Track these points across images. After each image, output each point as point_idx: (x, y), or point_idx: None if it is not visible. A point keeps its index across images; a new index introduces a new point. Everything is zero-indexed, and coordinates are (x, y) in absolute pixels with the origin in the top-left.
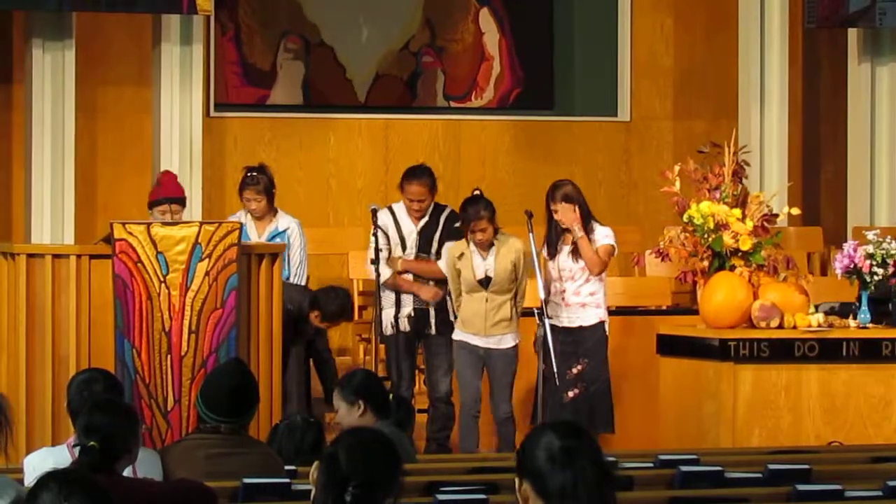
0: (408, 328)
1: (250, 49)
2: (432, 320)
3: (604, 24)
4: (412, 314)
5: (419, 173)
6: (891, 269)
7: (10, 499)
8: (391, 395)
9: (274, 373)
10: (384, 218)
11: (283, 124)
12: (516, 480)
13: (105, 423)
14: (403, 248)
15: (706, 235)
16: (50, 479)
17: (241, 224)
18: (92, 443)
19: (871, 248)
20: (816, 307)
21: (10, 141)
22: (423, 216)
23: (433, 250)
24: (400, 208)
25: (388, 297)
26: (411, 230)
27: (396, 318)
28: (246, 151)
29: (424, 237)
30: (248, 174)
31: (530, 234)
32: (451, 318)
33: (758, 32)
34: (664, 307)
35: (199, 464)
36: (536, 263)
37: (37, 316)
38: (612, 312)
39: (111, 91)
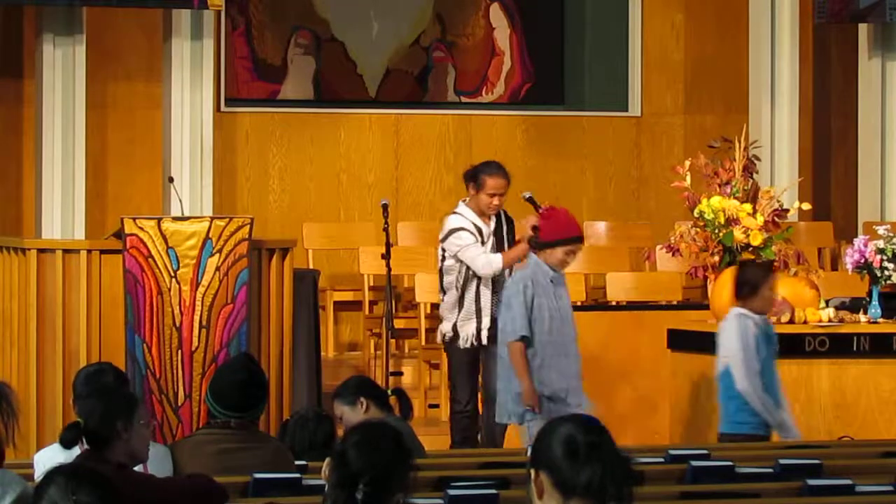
0: (486, 342)
1: (261, 44)
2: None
3: (614, 19)
4: (490, 325)
5: (498, 167)
6: None
7: (16, 494)
8: (389, 391)
9: (284, 368)
10: (464, 223)
11: (294, 119)
12: (531, 472)
13: (94, 403)
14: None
15: (717, 230)
16: (57, 474)
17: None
18: (78, 420)
19: (881, 243)
20: (827, 302)
21: (21, 136)
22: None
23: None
24: (467, 212)
25: (469, 307)
26: (487, 232)
27: (479, 329)
28: (256, 146)
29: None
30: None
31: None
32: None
33: (768, 27)
34: (675, 302)
35: (210, 459)
36: None
37: (47, 311)
38: (622, 307)
39: (122, 86)
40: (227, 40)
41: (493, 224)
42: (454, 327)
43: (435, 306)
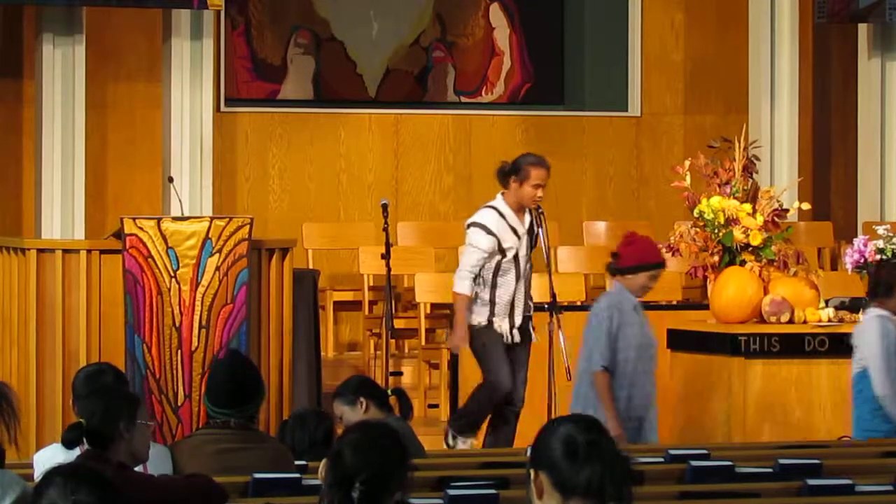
0: (519, 339)
1: (260, 44)
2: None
3: (614, 18)
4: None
5: (540, 157)
6: None
7: (16, 495)
8: (389, 391)
9: (284, 368)
10: (494, 224)
11: (294, 119)
12: (531, 472)
13: (96, 403)
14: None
15: (716, 230)
16: (56, 474)
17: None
18: (80, 420)
19: (881, 243)
20: (826, 302)
21: (21, 136)
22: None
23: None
24: (505, 208)
25: (503, 305)
26: (522, 232)
27: (511, 326)
28: (256, 146)
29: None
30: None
31: (540, 229)
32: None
33: (768, 27)
34: (674, 302)
35: (209, 459)
36: (547, 258)
37: (47, 311)
38: None
39: (121, 86)
40: (226, 40)
41: (527, 222)
42: (489, 320)
43: (435, 306)
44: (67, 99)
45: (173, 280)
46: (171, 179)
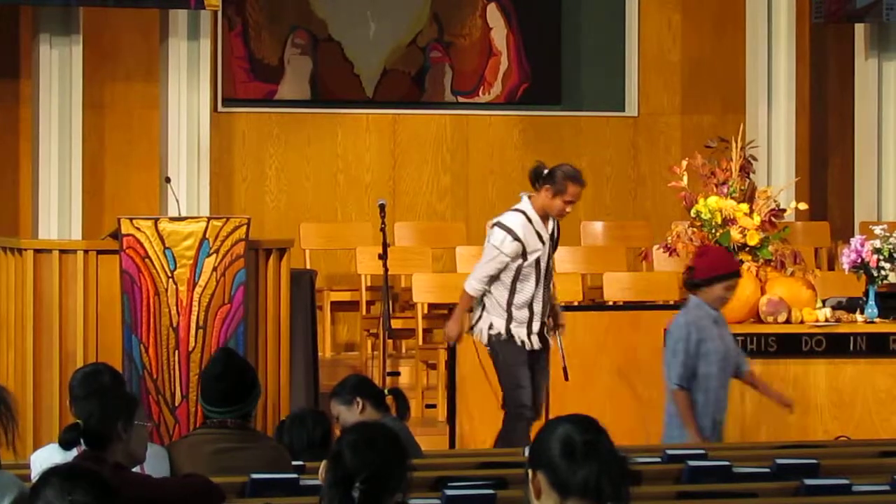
0: (539, 345)
1: (258, 44)
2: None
3: (611, 18)
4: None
5: (580, 174)
6: None
7: (13, 496)
8: (386, 391)
9: (282, 368)
10: (521, 228)
11: (291, 119)
12: (529, 472)
13: (94, 404)
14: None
15: (714, 230)
16: (52, 475)
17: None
18: (77, 421)
19: (878, 243)
20: (824, 302)
21: (18, 136)
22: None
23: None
24: (533, 214)
25: (522, 311)
26: (546, 237)
27: (529, 333)
28: (253, 147)
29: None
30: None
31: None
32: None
33: (765, 27)
34: (672, 302)
35: (207, 459)
36: None
37: (44, 311)
38: (619, 307)
39: (119, 86)
40: (224, 40)
41: (550, 227)
42: (508, 330)
43: (433, 306)
44: (64, 99)
45: (170, 280)
46: (168, 180)
